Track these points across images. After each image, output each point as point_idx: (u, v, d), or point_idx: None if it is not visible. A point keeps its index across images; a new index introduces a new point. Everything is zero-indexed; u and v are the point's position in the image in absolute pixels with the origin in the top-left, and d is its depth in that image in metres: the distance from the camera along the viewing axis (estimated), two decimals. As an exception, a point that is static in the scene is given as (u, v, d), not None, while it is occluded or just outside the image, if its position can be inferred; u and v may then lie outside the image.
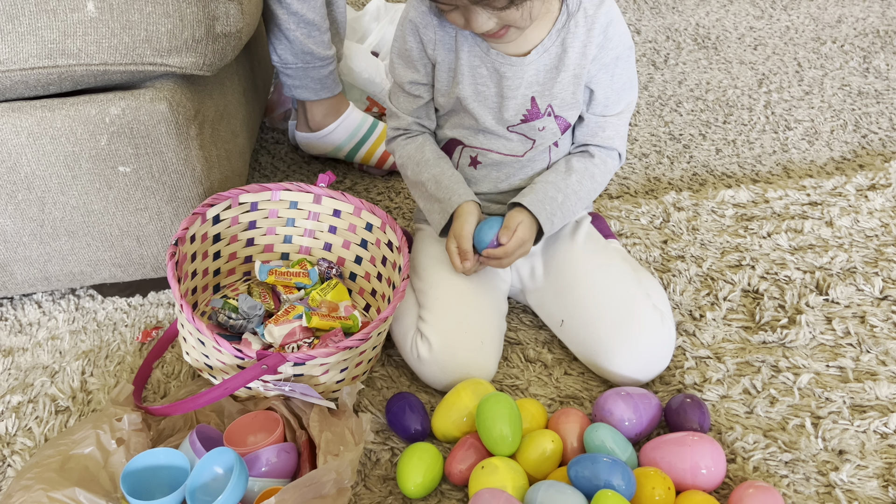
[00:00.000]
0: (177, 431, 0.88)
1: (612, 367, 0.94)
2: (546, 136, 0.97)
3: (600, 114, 0.97)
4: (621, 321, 0.93)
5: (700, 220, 1.25)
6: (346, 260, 1.09)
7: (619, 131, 0.99)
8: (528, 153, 0.99)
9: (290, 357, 0.81)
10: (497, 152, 0.99)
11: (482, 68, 0.94)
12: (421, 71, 0.97)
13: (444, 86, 0.96)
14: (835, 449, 0.88)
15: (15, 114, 0.91)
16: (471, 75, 0.94)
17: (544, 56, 0.92)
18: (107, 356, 1.03)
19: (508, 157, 0.99)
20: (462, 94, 0.95)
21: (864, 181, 1.31)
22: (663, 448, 0.84)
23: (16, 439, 0.92)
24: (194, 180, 1.00)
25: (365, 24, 1.63)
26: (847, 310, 1.06)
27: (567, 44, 0.92)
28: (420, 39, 0.94)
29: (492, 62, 0.93)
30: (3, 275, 1.03)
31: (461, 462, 0.84)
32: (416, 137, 1.02)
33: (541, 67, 0.93)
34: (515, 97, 0.94)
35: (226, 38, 0.94)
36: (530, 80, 0.93)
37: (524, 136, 0.97)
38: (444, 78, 0.96)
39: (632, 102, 0.99)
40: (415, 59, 0.96)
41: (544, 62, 0.93)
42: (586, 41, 0.92)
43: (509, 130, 0.97)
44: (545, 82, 0.94)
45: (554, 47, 0.92)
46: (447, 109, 0.99)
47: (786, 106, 1.59)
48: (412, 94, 0.99)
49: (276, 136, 1.52)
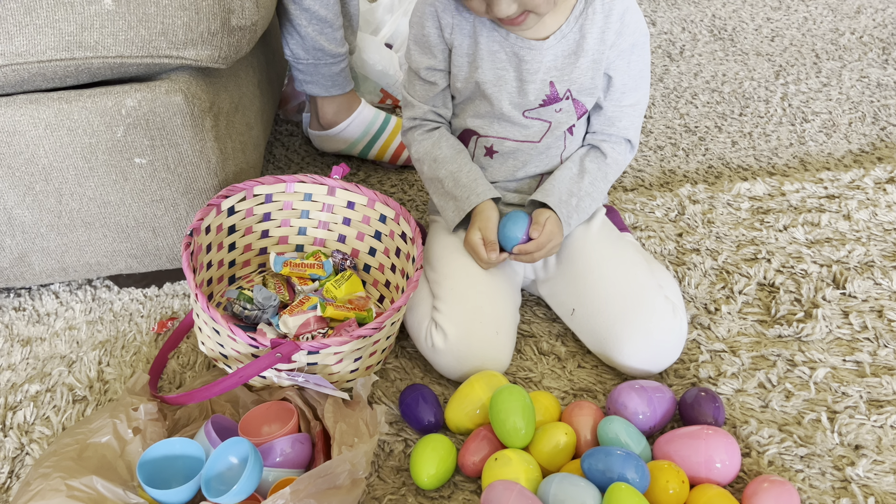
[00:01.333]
0: (192, 421, 0.89)
1: (621, 356, 0.94)
2: (562, 119, 0.97)
3: (617, 102, 0.98)
4: (632, 310, 0.93)
5: (715, 212, 1.24)
6: (360, 251, 1.10)
7: (634, 122, 0.99)
8: (545, 138, 0.99)
9: (304, 345, 0.82)
10: (513, 139, 0.99)
11: (501, 53, 0.94)
12: (438, 56, 0.97)
13: (463, 71, 0.96)
14: (851, 444, 0.88)
15: (33, 105, 0.92)
16: (490, 60, 0.94)
17: (563, 42, 0.93)
18: (123, 346, 1.04)
19: (525, 143, 0.99)
20: (481, 79, 0.95)
21: (882, 174, 1.30)
22: (677, 441, 0.84)
23: (34, 428, 0.93)
24: (209, 172, 1.00)
25: (379, 15, 1.62)
26: (864, 304, 1.06)
27: (585, 30, 0.93)
28: (439, 24, 0.95)
29: (511, 46, 0.93)
30: (22, 265, 1.05)
31: (474, 454, 0.84)
32: (432, 132, 1.02)
33: (559, 52, 0.94)
34: (535, 81, 0.94)
35: (241, 31, 0.94)
36: (549, 65, 0.94)
37: (540, 120, 0.98)
38: (462, 63, 0.96)
39: (646, 94, 0.99)
40: (432, 45, 0.96)
41: (563, 48, 0.93)
42: (604, 27, 0.93)
43: (525, 116, 0.97)
44: (564, 67, 0.94)
45: (572, 34, 0.93)
46: (464, 96, 0.99)
47: (803, 98, 1.57)
48: (428, 80, 0.99)
49: (290, 128, 1.52)
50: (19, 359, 1.03)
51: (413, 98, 1.01)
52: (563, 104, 0.96)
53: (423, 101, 1.01)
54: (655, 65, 1.70)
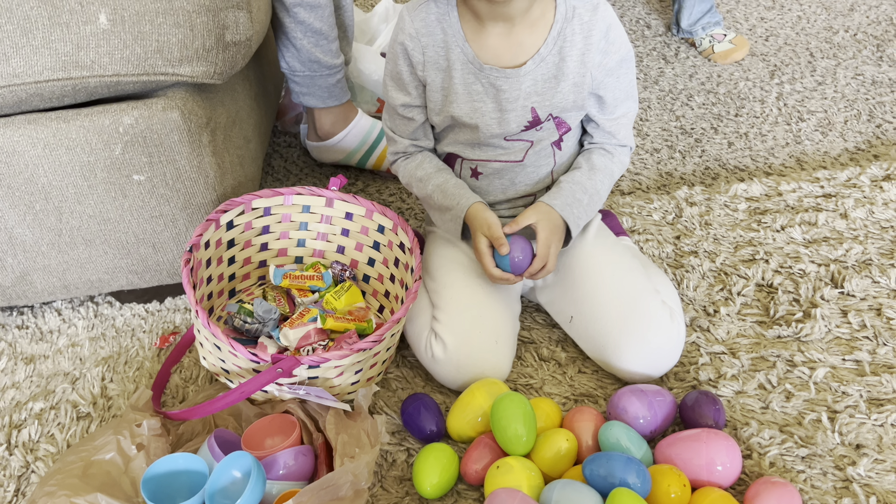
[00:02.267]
0: (196, 436, 0.89)
1: (620, 362, 0.94)
2: (543, 136, 0.97)
3: (611, 116, 0.97)
4: (629, 316, 0.93)
5: (713, 214, 1.24)
6: (359, 262, 1.10)
7: (628, 129, 1.00)
8: (528, 156, 0.98)
9: (305, 360, 0.82)
10: (496, 161, 0.98)
11: (476, 84, 0.92)
12: (413, 93, 0.96)
13: (437, 105, 0.95)
14: (852, 443, 0.88)
15: (31, 126, 0.92)
16: (466, 93, 0.93)
17: (541, 65, 0.91)
18: (126, 362, 1.04)
19: (509, 163, 0.99)
20: (456, 113, 0.94)
21: (878, 172, 1.30)
22: (678, 445, 0.84)
23: (39, 445, 0.93)
24: (208, 187, 1.01)
25: (374, 25, 1.63)
26: (863, 302, 1.06)
27: (565, 52, 0.91)
28: (410, 62, 0.94)
29: (486, 77, 0.92)
30: (24, 284, 1.05)
31: (476, 462, 0.85)
32: (414, 156, 1.01)
33: (538, 77, 0.92)
34: (515, 109, 0.93)
35: (236, 47, 0.95)
36: (528, 91, 0.92)
37: (521, 141, 0.97)
38: (436, 98, 0.95)
39: (636, 101, 0.99)
40: (406, 82, 0.95)
41: (542, 71, 0.92)
42: (584, 49, 0.91)
43: (506, 140, 0.96)
44: (544, 91, 0.93)
45: (551, 56, 0.91)
46: (443, 127, 0.99)
47: (798, 97, 1.58)
48: (406, 116, 0.98)
49: (288, 139, 1.53)
50: (23, 377, 1.03)
51: (394, 133, 1.01)
52: (545, 125, 0.95)
53: (405, 136, 1.00)
54: (651, 67, 1.71)
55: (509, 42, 0.91)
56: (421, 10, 0.92)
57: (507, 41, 0.91)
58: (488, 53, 0.91)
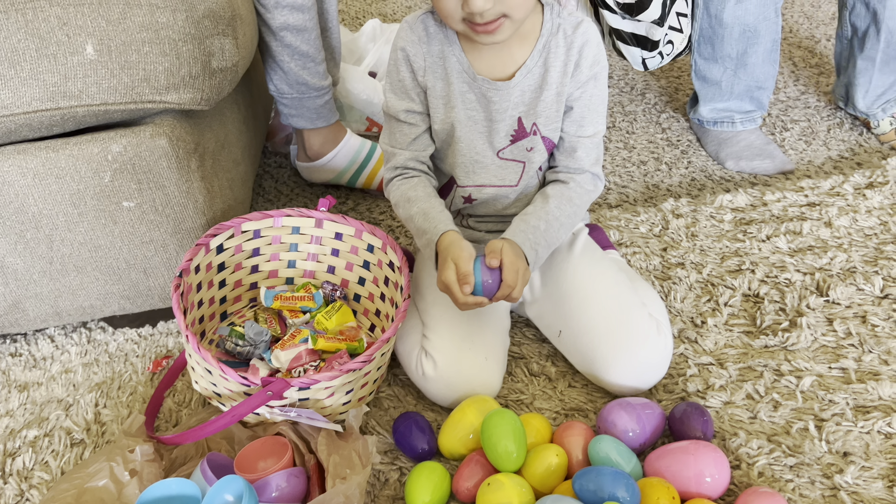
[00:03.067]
0: (189, 460, 0.90)
1: (608, 376, 0.95)
2: (534, 158, 0.98)
3: (576, 133, 0.97)
4: (616, 330, 0.95)
5: (699, 225, 1.26)
6: (349, 282, 1.11)
7: (589, 154, 0.98)
8: (522, 180, 0.99)
9: (295, 382, 0.83)
10: (491, 185, 0.99)
11: (470, 94, 0.95)
12: (416, 99, 0.97)
13: (440, 112, 0.97)
14: (839, 451, 0.89)
15: (20, 156, 0.93)
16: (462, 101, 0.95)
17: (528, 77, 0.94)
18: (119, 387, 1.05)
19: (503, 188, 1.00)
20: (456, 119, 0.96)
21: (861, 180, 1.32)
22: (667, 457, 0.85)
23: (33, 473, 0.94)
24: (197, 211, 1.02)
25: (361, 45, 1.65)
26: (848, 310, 1.07)
27: (549, 63, 0.94)
28: (411, 67, 0.95)
29: (479, 87, 0.94)
30: (16, 312, 1.06)
31: (468, 479, 0.86)
32: (412, 178, 0.99)
33: (526, 88, 0.94)
34: (504, 119, 0.95)
35: (222, 73, 0.96)
36: (516, 101, 0.95)
37: (515, 161, 0.98)
38: (437, 105, 0.97)
39: (603, 126, 0.98)
40: (408, 88, 0.96)
41: (529, 82, 0.94)
42: (566, 60, 0.94)
43: (499, 157, 0.98)
44: (530, 102, 0.95)
45: (537, 67, 0.94)
46: (441, 139, 0.99)
47: (781, 107, 1.60)
48: (408, 122, 0.98)
49: (278, 160, 1.54)
50: (17, 404, 1.04)
51: (394, 147, 0.99)
52: (533, 141, 0.97)
53: (404, 147, 0.98)
54: (636, 79, 1.73)
55: (501, 54, 0.94)
56: (420, 21, 0.95)
57: (500, 53, 0.94)
58: (482, 64, 0.94)
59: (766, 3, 1.30)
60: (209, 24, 0.92)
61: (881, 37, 1.37)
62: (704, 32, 1.37)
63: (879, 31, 1.36)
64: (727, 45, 1.35)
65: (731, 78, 1.40)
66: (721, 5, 1.31)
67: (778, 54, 1.38)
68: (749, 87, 1.40)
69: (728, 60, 1.37)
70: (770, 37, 1.34)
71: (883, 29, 1.36)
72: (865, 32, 1.39)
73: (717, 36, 1.35)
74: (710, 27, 1.35)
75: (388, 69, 0.98)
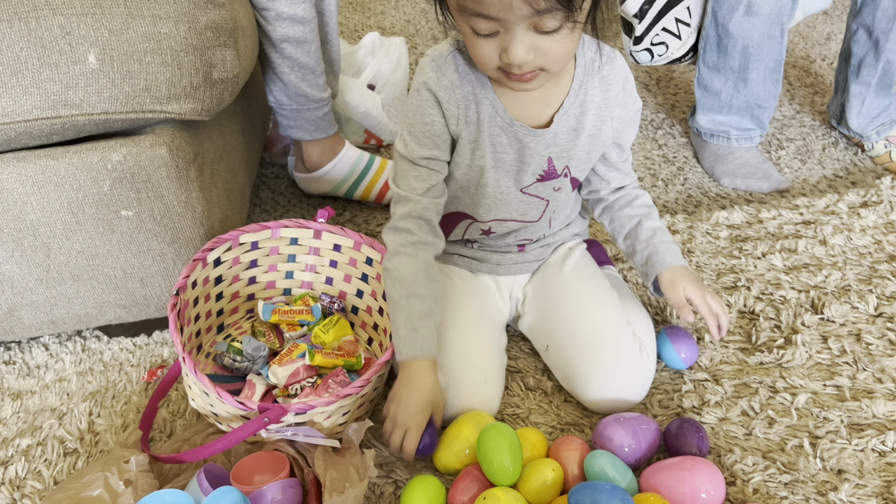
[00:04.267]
0: (184, 471, 0.89)
1: (585, 393, 0.95)
2: (559, 197, 0.98)
3: (625, 161, 1.02)
4: (597, 348, 0.95)
5: (695, 242, 1.26)
6: (347, 294, 1.11)
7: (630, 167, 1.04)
8: (543, 217, 1.00)
9: (291, 408, 0.83)
10: (512, 220, 1.00)
11: (503, 137, 0.91)
12: (441, 147, 0.91)
13: (466, 159, 0.92)
14: (833, 468, 0.89)
15: (20, 163, 0.93)
16: (491, 145, 0.91)
17: (563, 119, 0.91)
18: (113, 396, 1.04)
19: (523, 223, 1.00)
20: (485, 164, 0.92)
21: (855, 199, 1.33)
22: (663, 473, 0.85)
23: (25, 483, 0.93)
24: (195, 221, 1.02)
25: (360, 58, 1.66)
26: (842, 328, 1.08)
27: (586, 105, 0.91)
28: (443, 114, 0.89)
29: (514, 133, 0.90)
30: (11, 320, 1.06)
31: (463, 494, 0.85)
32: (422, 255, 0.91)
33: (560, 130, 0.91)
34: (534, 161, 0.93)
35: (223, 84, 0.96)
36: (549, 143, 0.92)
37: (538, 198, 0.97)
38: (465, 151, 0.92)
39: None
40: (436, 135, 0.90)
41: (563, 124, 0.91)
42: (602, 102, 0.92)
43: (522, 192, 0.97)
44: (564, 144, 0.93)
45: (573, 109, 0.91)
46: (461, 185, 0.95)
47: (777, 125, 1.61)
48: (429, 168, 0.91)
49: (276, 171, 1.55)
50: (10, 413, 1.03)
51: (407, 192, 0.92)
52: (561, 182, 0.96)
53: (422, 194, 0.91)
54: (633, 96, 1.74)
55: (536, 97, 0.90)
56: (450, 61, 0.88)
57: (535, 96, 0.89)
58: (516, 108, 0.90)
59: (773, 21, 1.31)
60: (211, 35, 0.93)
61: (879, 65, 1.39)
62: (710, 40, 1.38)
63: (878, 60, 1.38)
64: (730, 57, 1.36)
65: (731, 91, 1.41)
66: (729, 15, 1.32)
67: (780, 76, 1.39)
68: (749, 104, 1.41)
69: (730, 73, 1.38)
70: (773, 56, 1.35)
71: (882, 59, 1.38)
72: (863, 59, 1.41)
73: (722, 45, 1.36)
74: (717, 35, 1.36)
75: (411, 107, 0.90)
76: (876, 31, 1.37)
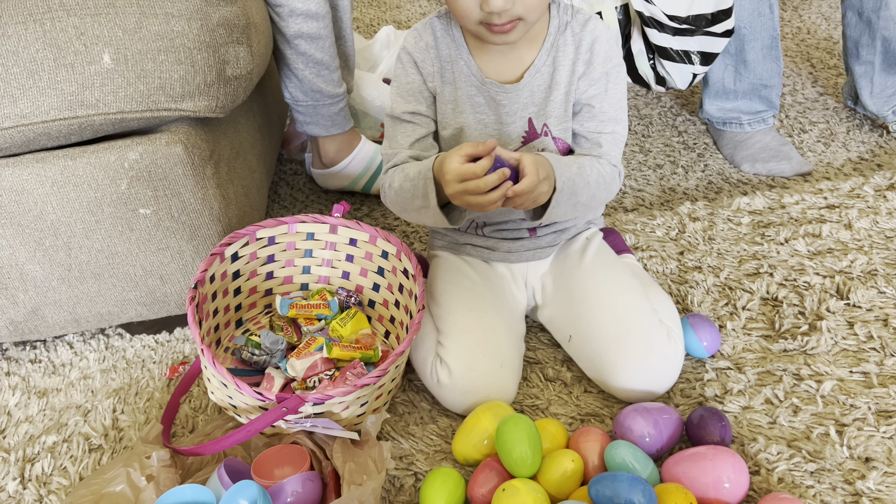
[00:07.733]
0: (205, 465, 0.90)
1: (616, 382, 0.94)
2: None
3: (597, 129, 0.96)
4: (625, 336, 0.94)
5: (716, 229, 1.25)
6: (364, 287, 1.11)
7: (615, 150, 0.97)
8: None
9: (309, 398, 0.83)
10: None
11: (479, 97, 0.96)
12: (423, 103, 0.97)
13: (448, 117, 0.97)
14: (861, 456, 0.87)
15: (39, 164, 0.95)
16: (470, 104, 0.96)
17: (536, 77, 0.94)
18: (136, 393, 1.06)
19: None
20: (465, 123, 0.96)
21: (882, 181, 1.30)
22: (685, 463, 0.84)
23: (52, 479, 0.95)
24: (213, 218, 1.03)
25: (375, 52, 1.66)
26: (869, 313, 1.05)
27: (557, 62, 0.94)
28: (421, 73, 0.96)
29: (487, 91, 0.95)
30: (35, 319, 1.07)
31: (482, 485, 0.85)
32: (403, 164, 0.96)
33: (535, 88, 0.95)
34: (514, 122, 0.96)
35: (237, 81, 0.97)
36: (525, 102, 0.95)
37: None
38: (446, 110, 0.97)
39: (625, 125, 0.98)
40: (416, 91, 0.97)
41: (538, 83, 0.95)
42: (574, 59, 0.94)
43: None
44: (539, 102, 0.95)
45: (545, 67, 0.94)
46: (450, 146, 0.97)
47: (800, 108, 1.58)
48: (412, 122, 0.97)
49: (293, 167, 1.55)
50: (36, 410, 1.05)
51: (394, 148, 0.97)
52: (544, 142, 0.97)
53: (406, 147, 0.97)
54: (651, 83, 1.72)
55: (509, 56, 0.94)
56: (427, 26, 0.96)
57: (508, 56, 0.94)
58: (490, 67, 0.95)
59: None
60: (224, 32, 0.93)
61: (877, 44, 1.37)
62: None
63: (875, 39, 1.37)
64: None
65: (732, 76, 1.39)
66: None
67: (779, 51, 1.37)
68: (754, 86, 1.39)
69: (728, 57, 1.36)
70: (767, 33, 1.33)
71: (878, 37, 1.36)
72: (858, 41, 1.39)
73: None
74: None
75: (394, 73, 0.98)
76: (866, 11, 1.35)
